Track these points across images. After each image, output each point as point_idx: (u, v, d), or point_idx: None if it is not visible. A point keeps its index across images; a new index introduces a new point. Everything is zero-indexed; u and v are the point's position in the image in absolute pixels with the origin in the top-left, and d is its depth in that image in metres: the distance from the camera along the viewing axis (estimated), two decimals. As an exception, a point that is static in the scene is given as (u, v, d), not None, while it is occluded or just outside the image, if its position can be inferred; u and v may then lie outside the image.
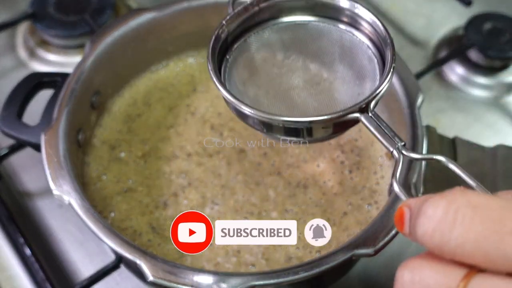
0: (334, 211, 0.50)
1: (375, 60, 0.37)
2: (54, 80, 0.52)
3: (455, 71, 0.67)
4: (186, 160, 0.53)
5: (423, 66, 0.65)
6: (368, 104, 0.33)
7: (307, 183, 0.52)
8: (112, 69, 0.55)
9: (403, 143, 0.32)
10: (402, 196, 0.30)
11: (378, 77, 0.37)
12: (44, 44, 0.69)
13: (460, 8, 0.71)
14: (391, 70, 0.34)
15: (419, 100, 0.49)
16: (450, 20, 0.73)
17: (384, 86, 0.34)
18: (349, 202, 0.50)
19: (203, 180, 0.52)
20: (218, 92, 0.58)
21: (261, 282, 0.39)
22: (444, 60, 0.66)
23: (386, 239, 0.41)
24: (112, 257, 0.49)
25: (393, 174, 0.31)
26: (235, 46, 0.40)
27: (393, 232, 0.41)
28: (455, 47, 0.69)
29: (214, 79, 0.36)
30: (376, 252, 0.40)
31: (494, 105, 0.65)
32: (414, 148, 0.46)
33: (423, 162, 0.43)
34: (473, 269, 0.25)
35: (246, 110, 0.34)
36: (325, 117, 0.32)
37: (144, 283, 0.49)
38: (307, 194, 0.51)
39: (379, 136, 0.32)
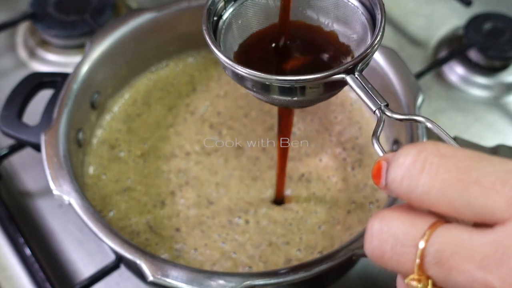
0: (338, 209, 0.49)
1: (368, 26, 0.38)
2: (54, 80, 0.52)
3: (455, 71, 0.67)
4: (185, 159, 0.53)
5: (423, 66, 0.65)
6: (354, 66, 0.34)
7: (310, 177, 0.51)
8: (112, 69, 0.55)
9: (385, 104, 0.33)
10: (381, 152, 0.31)
11: (369, 42, 0.37)
12: (44, 44, 0.69)
13: (460, 8, 0.71)
14: (379, 34, 0.35)
15: (419, 100, 0.49)
16: (450, 20, 0.73)
17: (371, 50, 0.35)
18: (352, 200, 0.50)
19: (199, 179, 0.52)
20: (218, 91, 0.59)
21: (261, 282, 0.39)
22: (444, 60, 0.66)
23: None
24: (112, 257, 0.49)
25: (374, 133, 0.32)
26: (231, 8, 0.40)
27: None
28: (455, 47, 0.69)
29: (208, 40, 0.36)
30: (376, 252, 0.40)
31: (494, 105, 0.65)
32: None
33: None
34: (440, 220, 0.25)
35: (240, 70, 0.35)
36: (313, 76, 0.34)
37: (144, 283, 0.50)
38: (311, 189, 0.50)
39: (363, 96, 0.34)
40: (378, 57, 0.52)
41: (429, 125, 0.31)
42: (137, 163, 0.53)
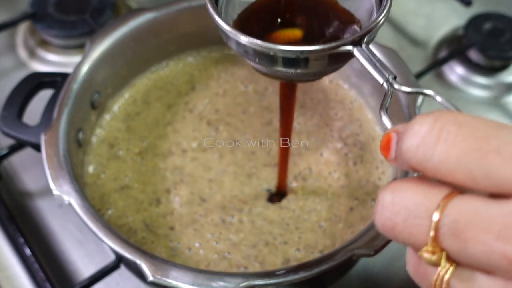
0: (340, 206, 0.49)
1: (373, 0, 0.38)
2: (54, 80, 0.52)
3: (455, 71, 0.67)
4: (181, 156, 0.53)
5: (423, 66, 0.65)
6: (361, 38, 0.34)
7: (310, 172, 0.51)
8: (112, 69, 0.55)
9: (393, 76, 0.33)
10: (389, 125, 0.30)
11: (375, 14, 0.37)
12: (44, 44, 0.69)
13: (460, 8, 0.71)
14: (387, 6, 0.35)
15: (419, 100, 0.49)
16: (450, 20, 0.73)
17: (377, 22, 0.34)
18: (355, 197, 0.50)
19: (193, 175, 0.52)
20: (217, 90, 0.59)
21: (261, 282, 0.39)
22: (444, 60, 0.66)
23: (386, 239, 0.41)
24: (112, 257, 0.49)
25: (381, 106, 0.31)
26: None
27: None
28: (455, 47, 0.69)
29: (210, 9, 0.35)
30: (376, 252, 0.40)
31: (494, 105, 0.65)
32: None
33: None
34: (455, 191, 0.24)
35: (244, 39, 0.34)
36: (319, 47, 0.33)
37: (144, 283, 0.50)
38: (311, 186, 0.50)
39: (369, 68, 0.33)
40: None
41: (438, 98, 0.30)
42: (135, 161, 0.53)
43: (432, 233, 0.24)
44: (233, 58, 0.61)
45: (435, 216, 0.24)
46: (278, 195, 0.50)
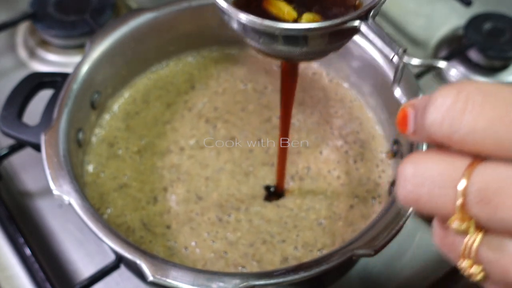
0: (340, 203, 0.49)
1: None
2: (54, 80, 0.52)
3: (455, 71, 0.67)
4: (179, 154, 0.53)
5: (423, 66, 0.65)
6: (367, 13, 0.33)
7: (309, 171, 0.51)
8: (112, 69, 0.55)
9: (404, 49, 0.32)
10: (404, 99, 0.30)
11: None
12: (44, 44, 0.69)
13: (460, 8, 0.71)
14: None
15: (420, 96, 0.49)
16: (450, 20, 0.73)
17: None
18: (355, 195, 0.50)
19: (190, 173, 0.52)
20: (216, 89, 0.59)
21: (261, 282, 0.39)
22: (444, 60, 0.66)
23: (386, 239, 0.41)
24: (112, 257, 0.49)
25: (394, 80, 0.31)
26: None
27: (393, 232, 0.41)
28: (455, 47, 0.69)
29: None
30: (376, 252, 0.40)
31: (494, 105, 0.65)
32: (413, 149, 0.46)
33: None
34: (477, 159, 0.24)
35: (245, 18, 0.33)
36: (325, 24, 0.32)
37: (144, 283, 0.50)
38: (310, 184, 0.50)
39: (378, 43, 0.33)
40: (378, 56, 0.52)
41: (451, 72, 0.30)
42: (134, 160, 0.53)
43: (459, 201, 0.24)
44: (233, 57, 0.61)
45: (462, 184, 0.24)
46: (276, 195, 0.50)
